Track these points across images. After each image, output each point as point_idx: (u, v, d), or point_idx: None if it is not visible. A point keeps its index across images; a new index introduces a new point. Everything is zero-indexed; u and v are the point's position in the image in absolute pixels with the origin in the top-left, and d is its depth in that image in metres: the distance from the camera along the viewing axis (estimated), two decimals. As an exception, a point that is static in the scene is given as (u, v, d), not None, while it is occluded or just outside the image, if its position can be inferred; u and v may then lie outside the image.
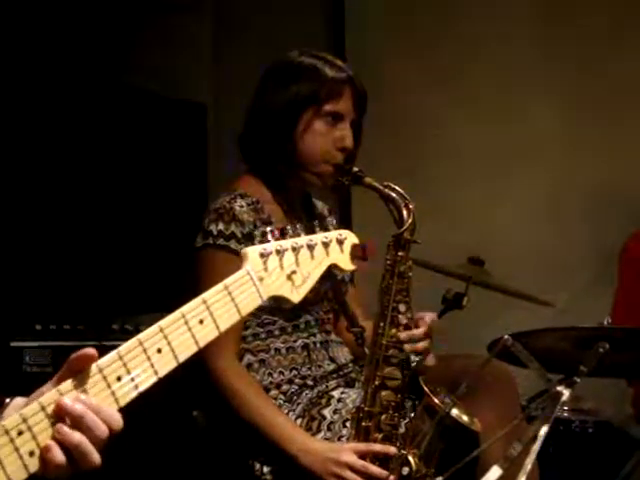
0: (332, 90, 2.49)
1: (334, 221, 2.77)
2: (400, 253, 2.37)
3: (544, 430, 1.82)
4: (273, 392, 2.47)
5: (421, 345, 2.38)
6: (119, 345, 1.29)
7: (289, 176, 2.55)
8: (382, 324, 2.36)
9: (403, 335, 2.35)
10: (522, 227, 4.04)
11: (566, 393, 1.88)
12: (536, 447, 1.86)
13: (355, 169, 2.46)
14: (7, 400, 1.31)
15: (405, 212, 2.36)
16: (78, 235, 3.74)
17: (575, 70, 4.00)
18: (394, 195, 2.38)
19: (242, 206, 2.45)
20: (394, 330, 2.35)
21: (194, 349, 1.33)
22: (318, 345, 2.55)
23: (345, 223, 2.83)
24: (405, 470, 2.24)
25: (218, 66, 4.52)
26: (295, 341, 2.52)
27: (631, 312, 3.31)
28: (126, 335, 2.99)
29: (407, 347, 2.35)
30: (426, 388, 2.24)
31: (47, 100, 3.74)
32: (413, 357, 2.38)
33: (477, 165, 4.10)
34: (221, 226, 2.42)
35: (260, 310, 2.39)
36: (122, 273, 3.79)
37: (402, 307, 2.37)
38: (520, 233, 4.03)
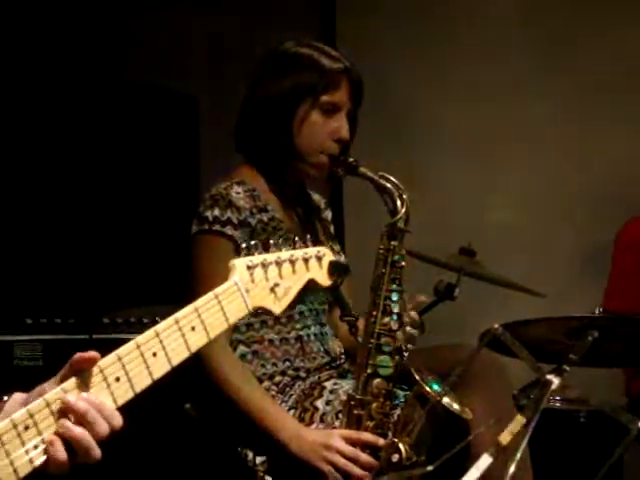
0: (330, 81, 2.48)
1: (330, 215, 2.76)
2: (393, 242, 2.38)
3: (534, 419, 1.82)
4: (266, 383, 2.47)
5: (409, 330, 2.40)
6: (109, 339, 1.34)
7: (285, 167, 2.54)
8: (375, 313, 2.37)
9: (394, 325, 2.36)
10: (513, 218, 4.05)
11: (556, 382, 1.89)
12: (527, 436, 1.86)
13: (350, 159, 2.46)
14: (5, 398, 1.35)
15: (399, 202, 2.37)
16: (69, 229, 3.74)
17: (570, 63, 4.01)
18: (388, 185, 2.39)
19: (239, 193, 2.45)
20: (387, 319, 2.36)
21: (186, 354, 1.40)
22: (312, 337, 2.54)
23: (337, 213, 2.82)
24: (395, 457, 2.25)
25: (211, 59, 4.52)
26: (289, 332, 2.51)
27: (626, 295, 3.31)
28: (116, 329, 2.99)
29: (399, 335, 2.36)
30: (418, 376, 2.25)
31: (38, 93, 3.73)
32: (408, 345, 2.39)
33: (469, 155, 4.11)
34: (217, 212, 2.41)
35: None
36: (112, 267, 3.79)
37: (395, 296, 2.38)
38: (511, 224, 4.04)
